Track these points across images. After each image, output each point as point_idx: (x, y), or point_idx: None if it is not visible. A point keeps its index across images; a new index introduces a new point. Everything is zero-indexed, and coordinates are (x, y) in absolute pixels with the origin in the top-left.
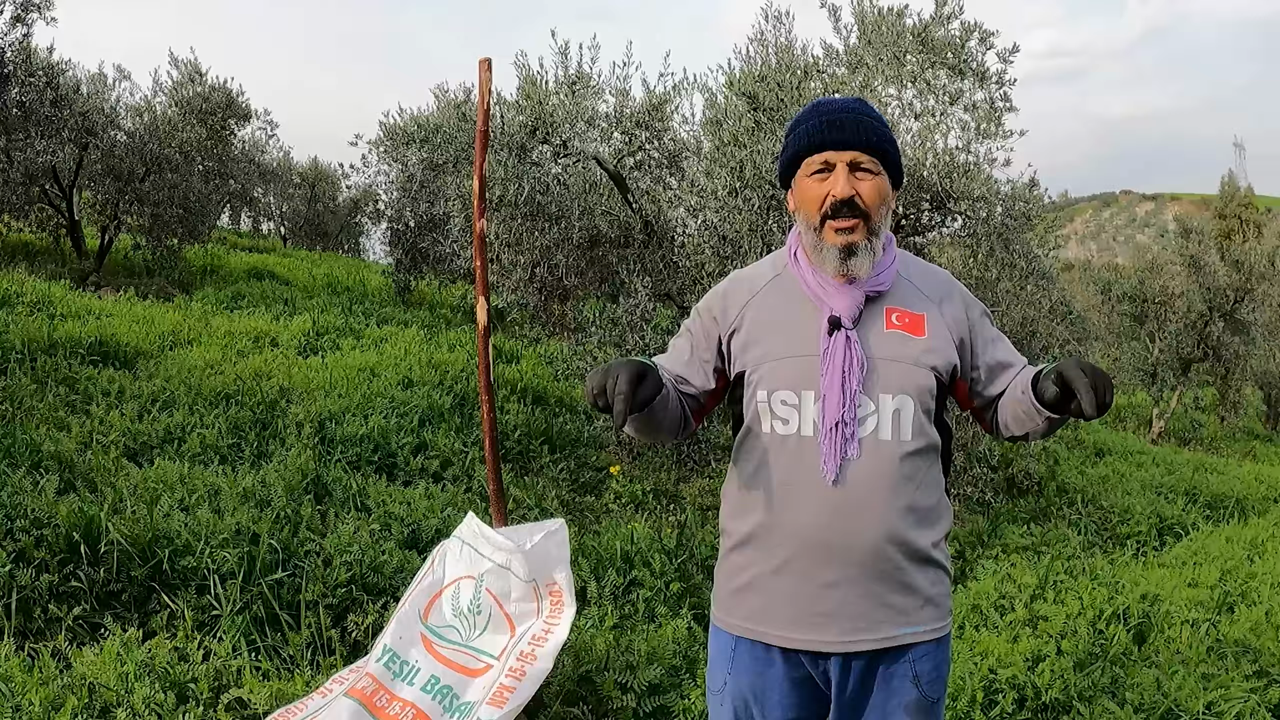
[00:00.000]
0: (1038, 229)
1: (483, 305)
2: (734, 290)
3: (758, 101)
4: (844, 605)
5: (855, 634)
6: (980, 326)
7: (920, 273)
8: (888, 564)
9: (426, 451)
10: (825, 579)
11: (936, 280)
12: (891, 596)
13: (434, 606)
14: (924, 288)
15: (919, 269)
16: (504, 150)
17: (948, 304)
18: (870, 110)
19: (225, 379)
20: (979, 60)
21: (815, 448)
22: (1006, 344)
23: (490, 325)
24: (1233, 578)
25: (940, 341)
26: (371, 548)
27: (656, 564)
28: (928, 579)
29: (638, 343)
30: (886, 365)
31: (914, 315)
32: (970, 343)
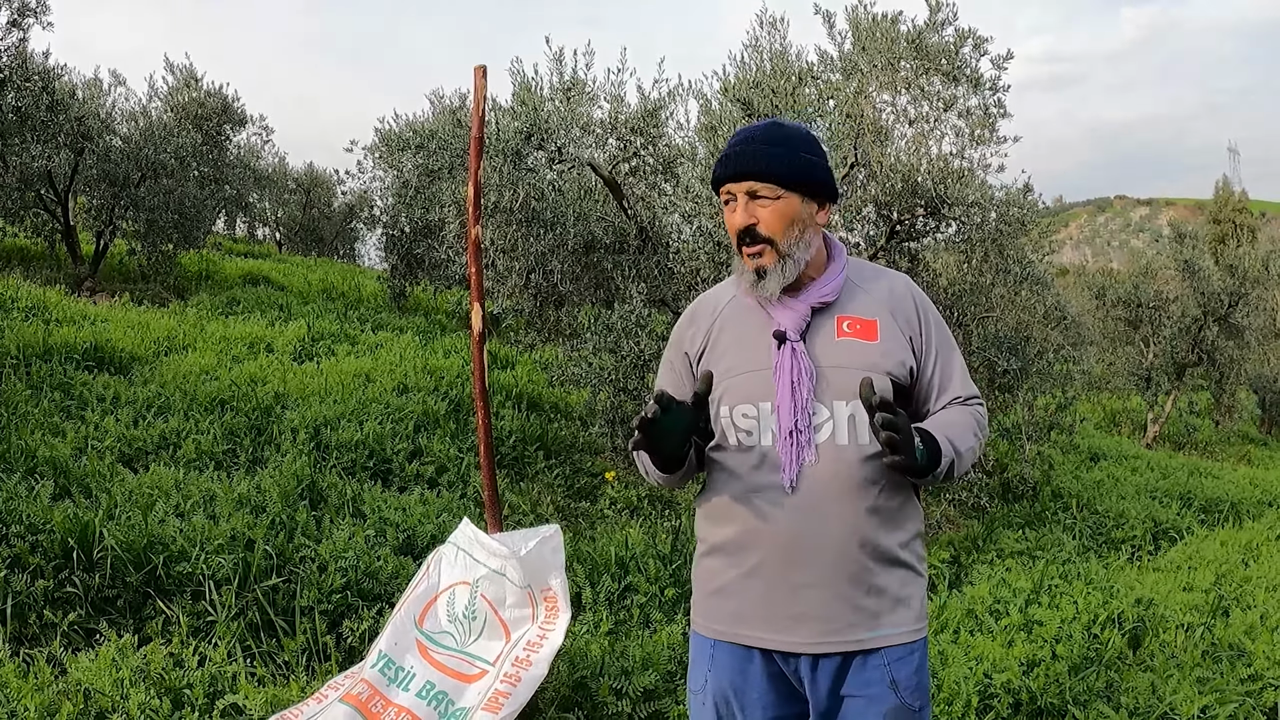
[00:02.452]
0: (1032, 234)
1: (478, 311)
2: (698, 314)
3: (752, 108)
4: (814, 607)
5: (826, 635)
6: (931, 334)
7: (872, 278)
8: (855, 566)
9: (421, 457)
10: (795, 581)
11: (889, 285)
12: (862, 599)
13: (429, 612)
14: (875, 293)
15: (871, 274)
16: (499, 156)
17: (900, 307)
18: (773, 135)
19: (220, 385)
20: (973, 67)
21: (777, 456)
22: (955, 365)
23: (485, 332)
24: (1227, 581)
25: (893, 345)
26: (366, 554)
27: (651, 570)
28: (897, 580)
29: (632, 349)
30: (837, 372)
31: (865, 321)
32: (918, 348)
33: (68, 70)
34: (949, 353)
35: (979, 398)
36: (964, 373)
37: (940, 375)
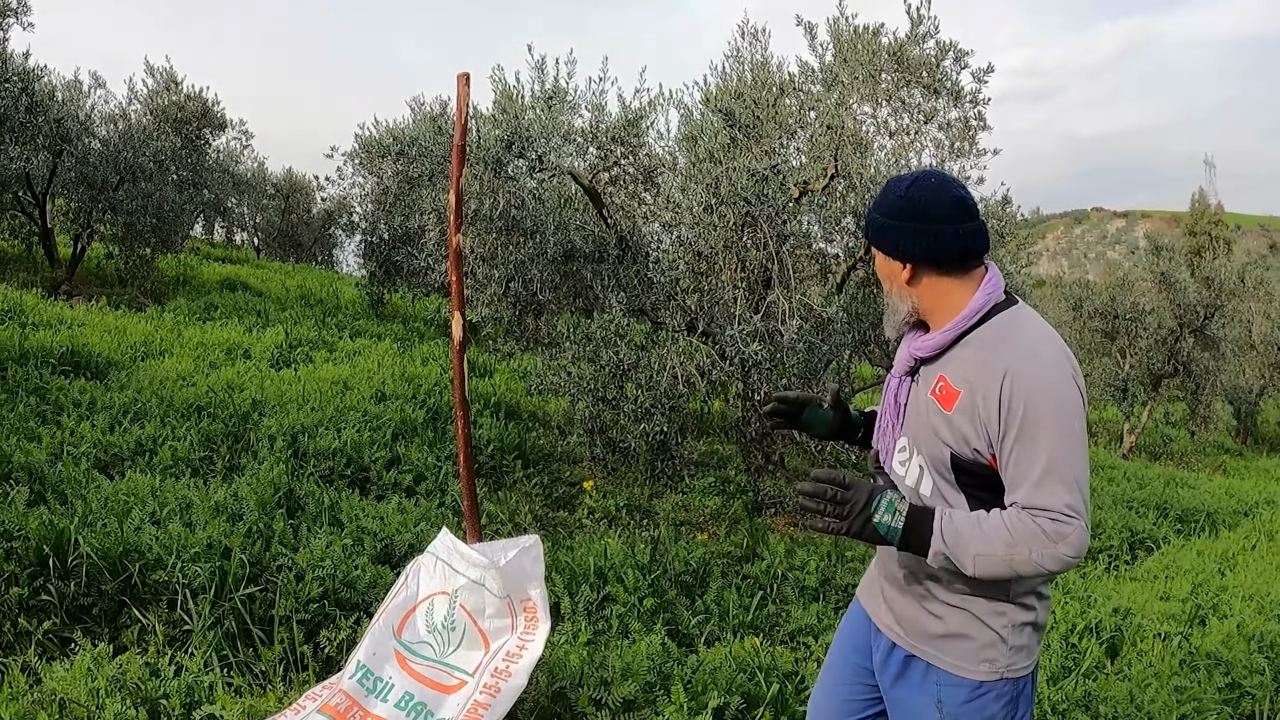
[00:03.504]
0: (1010, 246)
1: (458, 320)
2: None
3: (734, 118)
4: (892, 602)
5: (892, 621)
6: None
7: (986, 346)
8: (920, 588)
9: (399, 466)
10: (885, 575)
11: (993, 360)
12: (924, 617)
13: (408, 622)
14: (974, 363)
15: (991, 342)
16: (480, 164)
17: (986, 389)
18: (885, 190)
19: (197, 391)
20: (953, 80)
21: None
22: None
23: (466, 340)
24: (1204, 591)
25: (963, 422)
26: (344, 562)
27: (630, 580)
28: (957, 619)
29: (611, 358)
30: (920, 426)
31: (951, 391)
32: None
33: (47, 72)
34: (1030, 451)
35: (1053, 511)
36: (1043, 477)
37: (1012, 472)
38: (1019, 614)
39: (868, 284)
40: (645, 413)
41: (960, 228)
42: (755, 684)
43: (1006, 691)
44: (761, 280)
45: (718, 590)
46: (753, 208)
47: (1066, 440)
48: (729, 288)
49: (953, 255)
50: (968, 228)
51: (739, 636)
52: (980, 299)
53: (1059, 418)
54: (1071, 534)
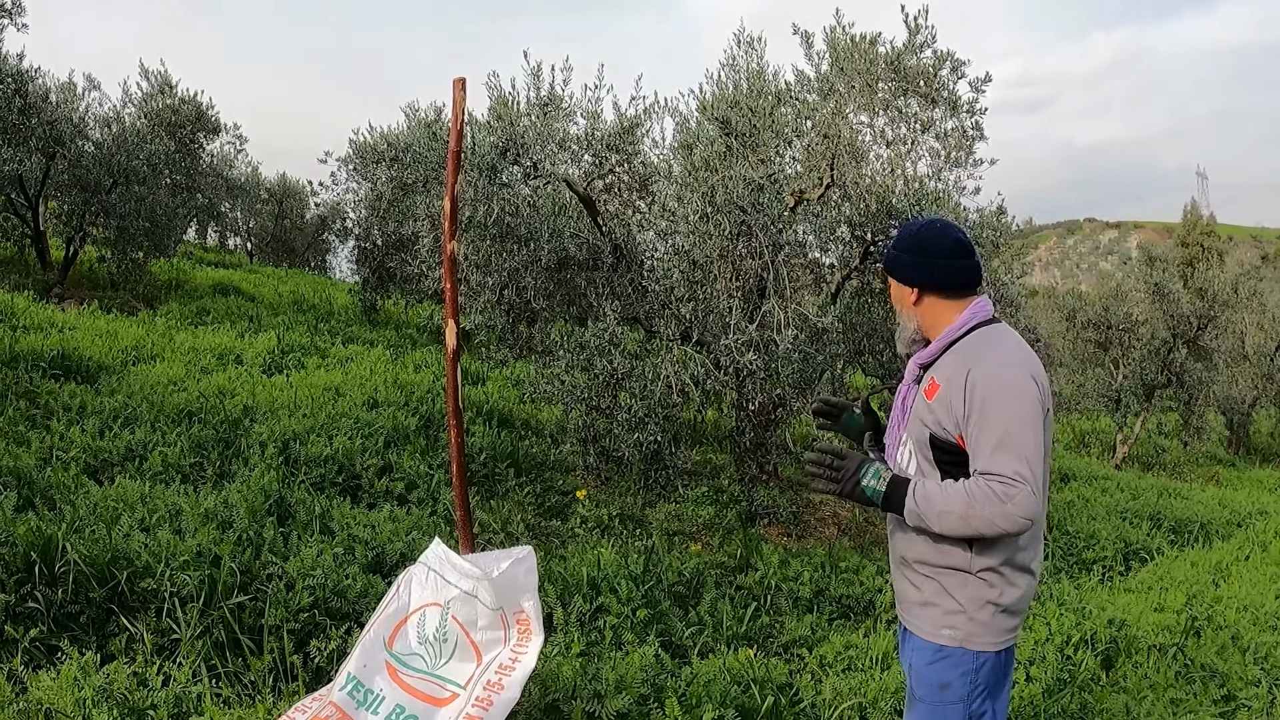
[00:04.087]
0: (1004, 256)
1: (452, 328)
2: None
3: (730, 126)
4: (895, 577)
5: (896, 598)
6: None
7: (966, 353)
8: (902, 564)
9: (391, 473)
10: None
11: (966, 362)
12: (908, 589)
13: (399, 633)
14: (956, 365)
15: (972, 351)
16: (474, 171)
17: (957, 380)
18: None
19: (188, 396)
20: (950, 89)
21: None
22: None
23: (459, 348)
24: (1198, 602)
25: (940, 407)
26: (335, 571)
27: (623, 590)
28: (930, 588)
29: (605, 368)
30: (912, 417)
31: (934, 385)
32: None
33: (42, 74)
34: (986, 428)
35: (1003, 476)
36: (996, 449)
37: (973, 446)
38: (981, 589)
39: (862, 293)
40: (639, 422)
41: (957, 263)
42: (749, 696)
43: (965, 661)
44: (757, 289)
45: (711, 601)
46: (748, 216)
47: (1017, 421)
48: (724, 297)
49: (951, 284)
50: (964, 264)
51: (733, 648)
52: (965, 316)
53: (1010, 402)
54: (1018, 495)
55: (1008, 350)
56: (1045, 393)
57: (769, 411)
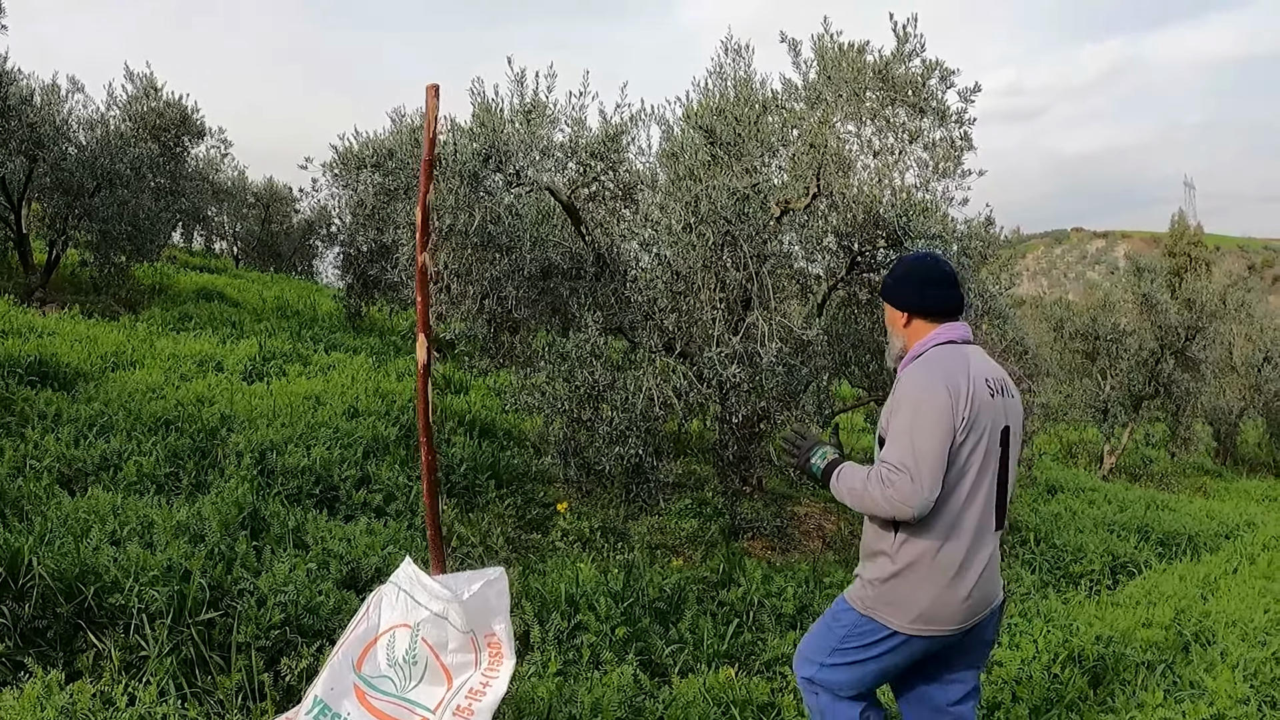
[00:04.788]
0: (993, 266)
1: (423, 342)
2: None
3: (715, 135)
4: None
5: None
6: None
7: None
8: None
9: (370, 485)
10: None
11: (907, 372)
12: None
13: (368, 655)
14: (902, 375)
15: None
16: (456, 178)
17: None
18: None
19: (166, 404)
20: (939, 99)
21: None
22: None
23: (430, 363)
24: (1187, 617)
25: (886, 408)
26: (307, 587)
27: (602, 608)
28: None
29: (587, 378)
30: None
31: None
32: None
33: (24, 75)
34: (893, 424)
35: (891, 464)
36: (892, 442)
37: (885, 440)
38: (882, 566)
39: (849, 304)
40: (620, 435)
41: (943, 292)
42: (729, 718)
43: (865, 625)
44: (741, 301)
45: (692, 618)
46: (733, 227)
47: (916, 423)
48: (707, 308)
49: (935, 310)
50: (948, 293)
51: (714, 667)
52: (931, 336)
53: (917, 406)
54: (898, 481)
55: (939, 365)
56: (968, 403)
57: (753, 424)
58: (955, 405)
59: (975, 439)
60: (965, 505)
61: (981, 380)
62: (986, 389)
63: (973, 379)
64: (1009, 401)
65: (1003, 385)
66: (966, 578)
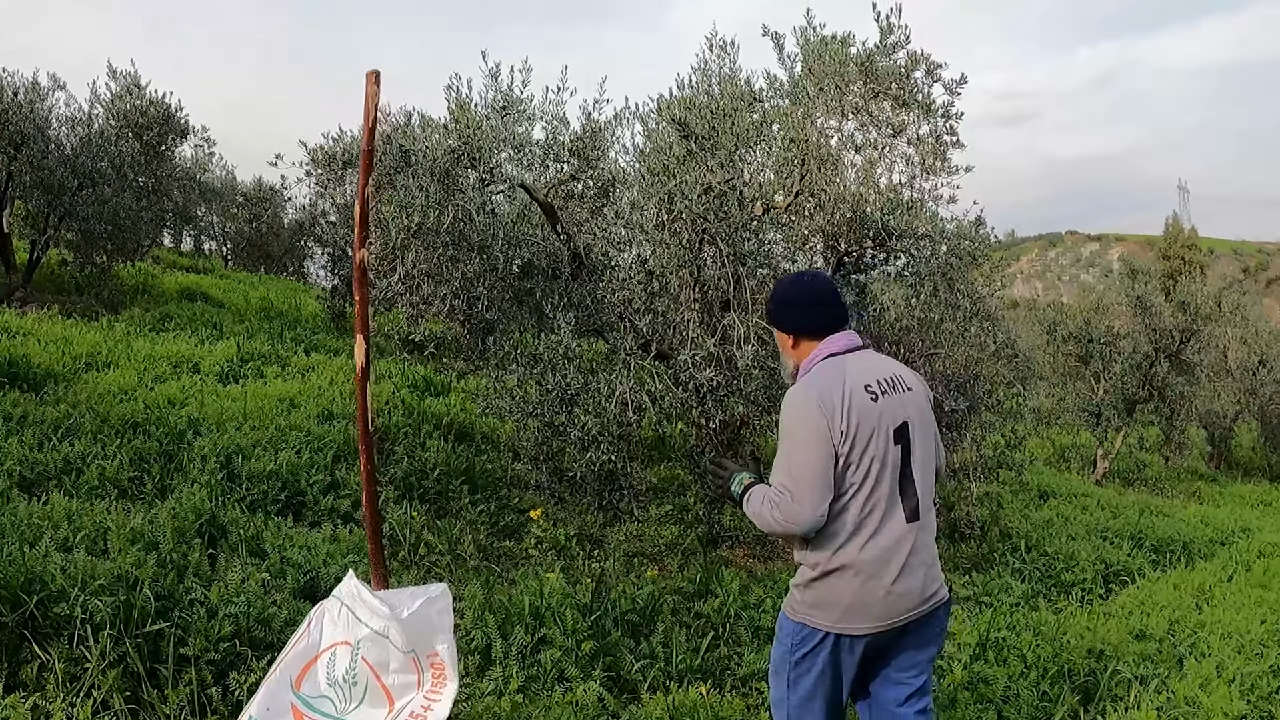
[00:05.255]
0: (984, 268)
1: (361, 345)
2: None
3: (688, 129)
4: None
5: None
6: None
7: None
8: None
9: (338, 490)
10: None
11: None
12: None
13: (308, 674)
14: None
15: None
16: (427, 175)
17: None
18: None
19: (135, 406)
20: (925, 92)
21: None
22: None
23: (369, 366)
24: (1182, 628)
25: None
26: (260, 598)
27: (568, 621)
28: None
29: (559, 382)
30: None
31: None
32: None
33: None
34: (778, 450)
35: (776, 486)
36: (777, 466)
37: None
38: (803, 572)
39: None
40: (592, 440)
41: (821, 309)
42: None
43: (797, 631)
44: (719, 301)
45: (665, 631)
46: (708, 224)
47: (791, 442)
48: (684, 309)
49: (817, 327)
50: (827, 310)
51: (685, 683)
52: (815, 352)
53: (790, 427)
54: (781, 503)
55: (813, 385)
56: (844, 416)
57: (734, 429)
58: (831, 422)
59: (863, 445)
60: (871, 509)
61: (860, 387)
62: (867, 395)
63: (849, 390)
64: (904, 396)
65: (894, 381)
66: (886, 573)
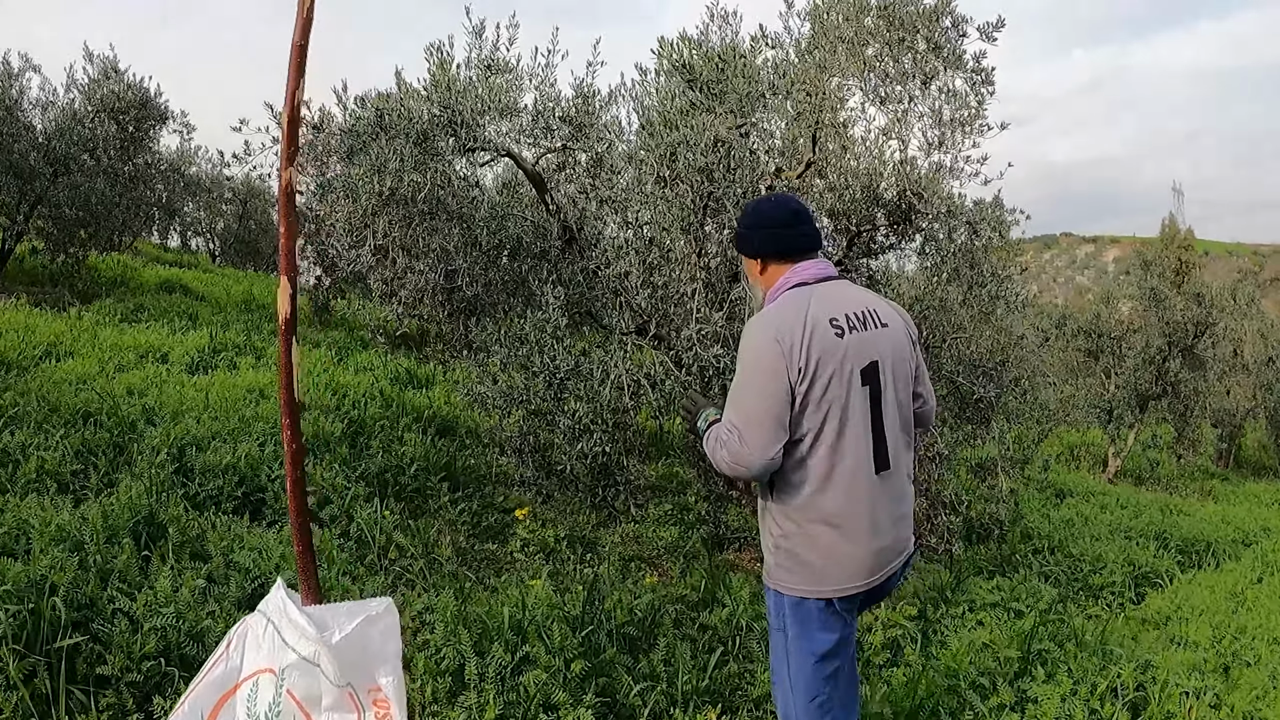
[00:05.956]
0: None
1: (285, 290)
2: None
3: (694, 74)
4: None
5: None
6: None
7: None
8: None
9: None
10: None
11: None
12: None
13: (224, 708)
14: None
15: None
16: (402, 138)
17: None
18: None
19: (89, 395)
20: (954, 43)
21: None
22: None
23: (295, 318)
24: (1221, 634)
25: None
26: (193, 608)
27: (555, 637)
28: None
29: (546, 365)
30: None
31: None
32: None
33: None
34: (732, 385)
35: (727, 424)
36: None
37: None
38: (769, 530)
39: None
40: (584, 430)
41: (792, 229)
42: None
43: (784, 602)
44: (726, 273)
45: (668, 647)
46: (715, 186)
47: (743, 379)
48: (686, 281)
49: (788, 250)
50: (799, 229)
51: (691, 708)
52: (784, 278)
53: (744, 363)
54: (730, 441)
55: (774, 317)
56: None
57: None
58: (789, 355)
59: (824, 384)
60: (836, 453)
61: (825, 322)
62: (832, 330)
63: (811, 322)
64: (877, 332)
65: (865, 316)
66: (856, 525)
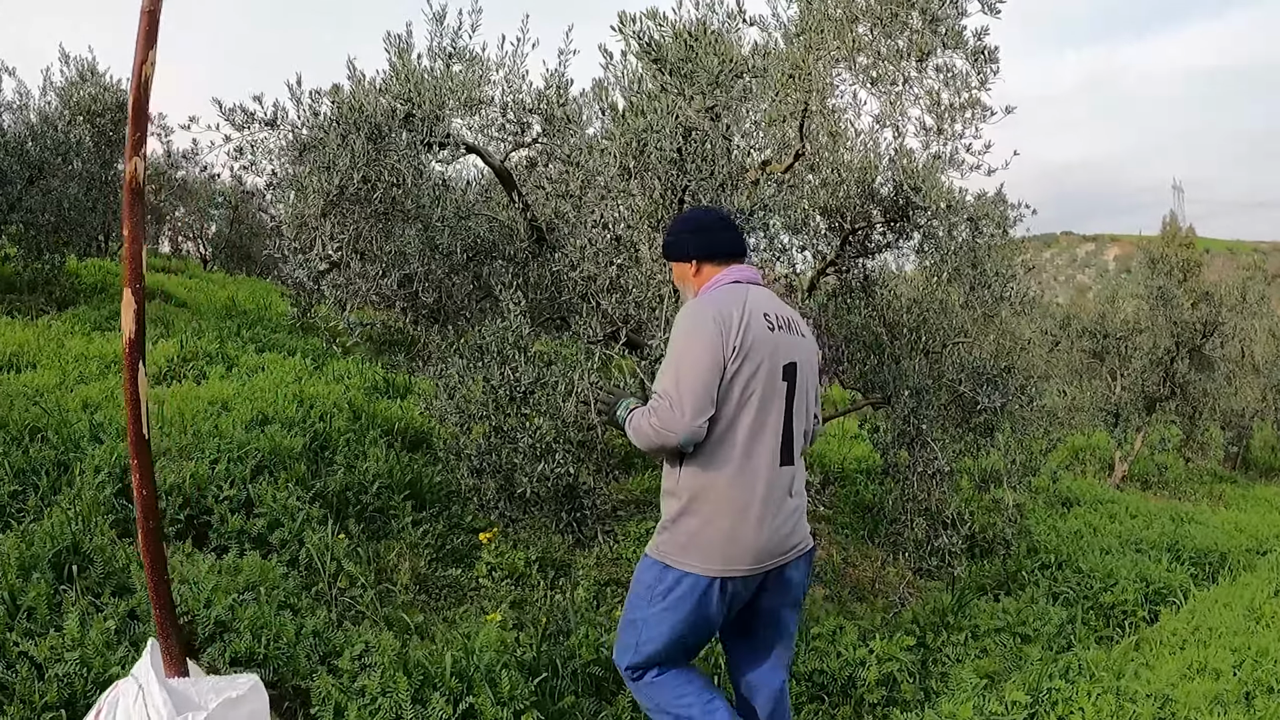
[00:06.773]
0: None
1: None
2: None
3: (660, 53)
4: None
5: None
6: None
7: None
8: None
9: (253, 509)
10: None
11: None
12: None
13: None
14: None
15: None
16: (354, 131)
17: None
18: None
19: (37, 411)
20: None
21: None
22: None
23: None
24: (1241, 656)
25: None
26: (102, 653)
27: (505, 685)
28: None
29: (507, 376)
30: None
31: None
32: None
33: None
34: (665, 357)
35: (657, 394)
36: (662, 373)
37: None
38: (670, 505)
39: (841, 293)
40: (546, 449)
41: (722, 234)
42: None
43: (657, 570)
44: None
45: None
46: (687, 178)
47: (682, 353)
48: (656, 283)
49: (719, 252)
50: (728, 235)
51: None
52: (718, 277)
53: (681, 337)
54: (660, 409)
55: (711, 300)
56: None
57: None
58: (725, 333)
59: (752, 369)
60: (750, 438)
61: (759, 313)
62: (764, 322)
63: (748, 311)
64: (797, 339)
65: (789, 322)
66: (755, 511)
